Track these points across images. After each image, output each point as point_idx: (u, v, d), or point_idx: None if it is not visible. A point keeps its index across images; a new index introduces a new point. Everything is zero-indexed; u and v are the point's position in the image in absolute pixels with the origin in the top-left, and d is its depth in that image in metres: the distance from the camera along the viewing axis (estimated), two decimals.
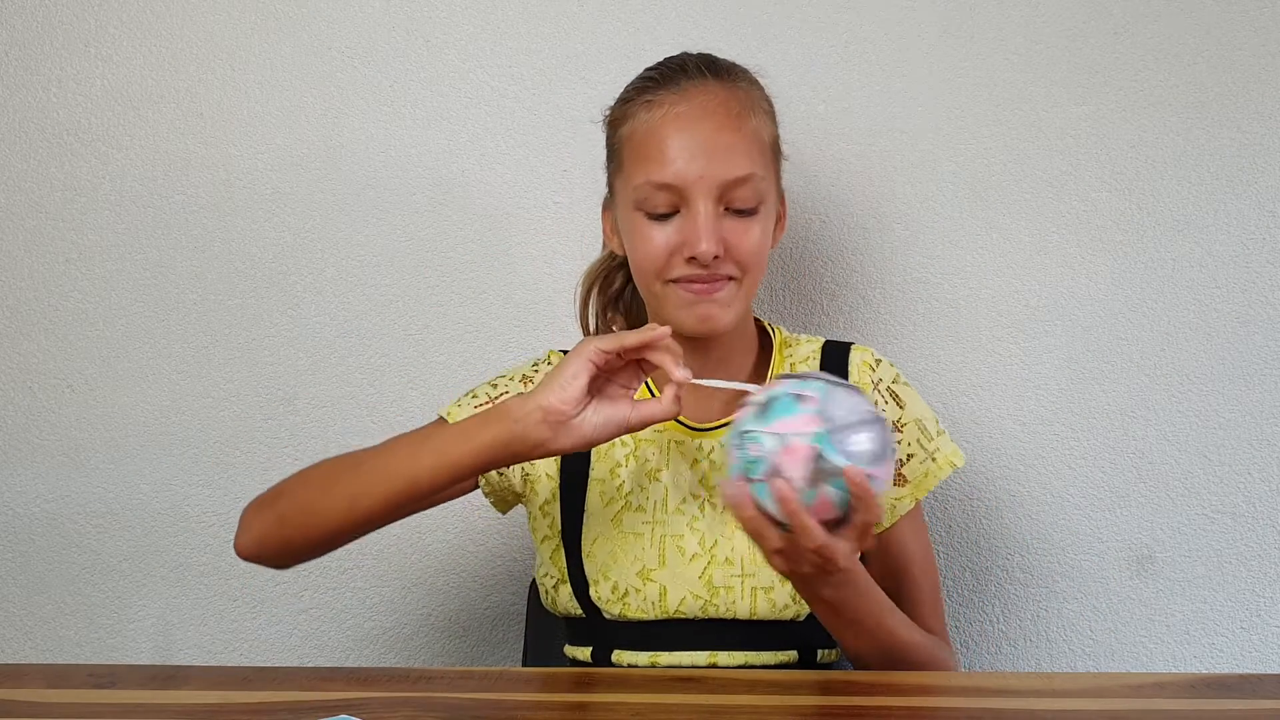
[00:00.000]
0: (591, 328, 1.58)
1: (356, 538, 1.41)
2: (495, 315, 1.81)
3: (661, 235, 1.38)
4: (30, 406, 1.85)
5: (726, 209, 1.38)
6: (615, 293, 1.57)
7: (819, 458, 1.16)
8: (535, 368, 1.51)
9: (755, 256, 1.40)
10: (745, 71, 1.45)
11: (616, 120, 1.45)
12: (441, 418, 1.47)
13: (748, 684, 1.27)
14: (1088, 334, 1.76)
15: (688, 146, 1.37)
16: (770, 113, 1.45)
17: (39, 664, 1.77)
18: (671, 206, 1.38)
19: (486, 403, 1.46)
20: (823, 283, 1.78)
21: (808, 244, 1.78)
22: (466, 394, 1.49)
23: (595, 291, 1.57)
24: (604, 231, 1.51)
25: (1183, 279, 1.75)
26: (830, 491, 1.17)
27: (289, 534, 1.40)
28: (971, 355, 1.77)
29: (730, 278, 1.39)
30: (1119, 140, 1.75)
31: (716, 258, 1.37)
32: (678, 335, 1.43)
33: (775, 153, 1.46)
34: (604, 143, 1.48)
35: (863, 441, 1.17)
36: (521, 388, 1.48)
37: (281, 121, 1.81)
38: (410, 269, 1.81)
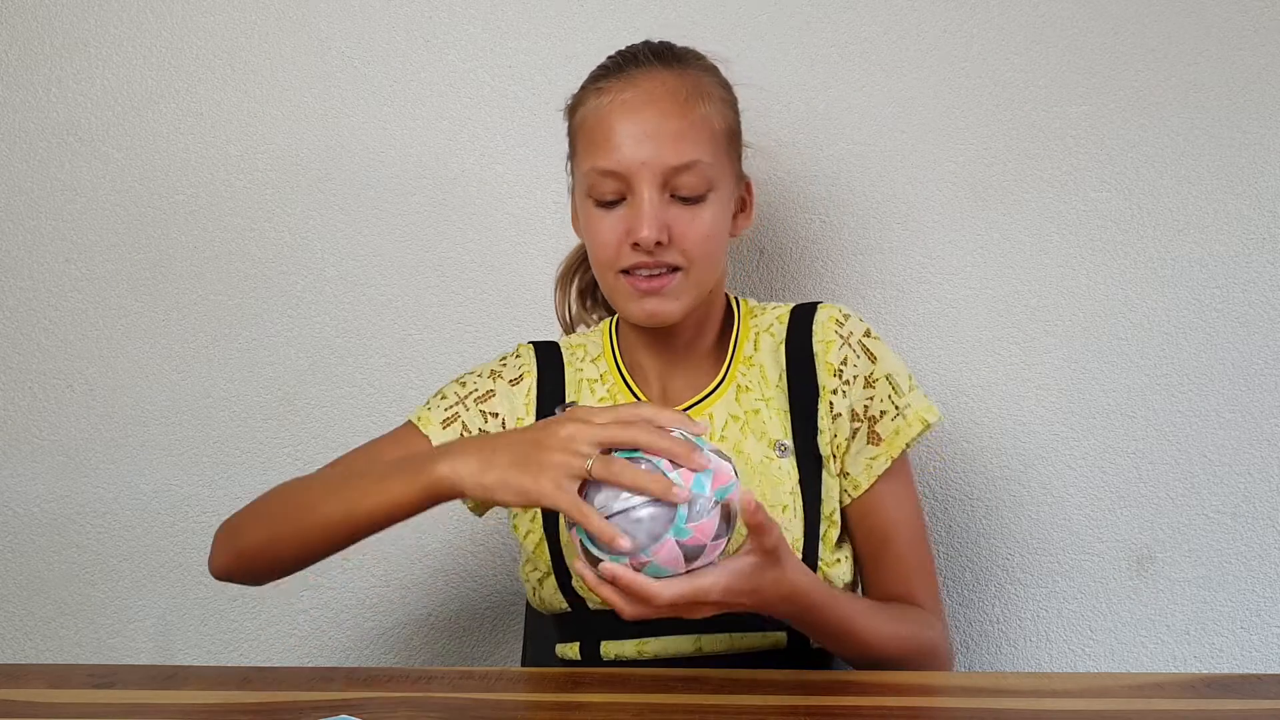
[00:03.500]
0: (571, 318, 1.60)
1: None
2: (495, 315, 1.81)
3: (610, 223, 1.39)
4: (30, 406, 1.85)
5: (673, 196, 1.38)
6: (591, 281, 1.58)
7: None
8: (503, 361, 1.51)
9: (703, 245, 1.39)
10: (701, 58, 1.45)
11: (572, 108, 1.45)
12: (412, 423, 1.46)
13: (747, 684, 1.27)
14: (1088, 334, 1.76)
15: (632, 133, 1.37)
16: (727, 99, 1.44)
17: (39, 664, 1.77)
18: (618, 194, 1.38)
19: (456, 403, 1.46)
20: (823, 282, 1.79)
21: (808, 244, 1.78)
22: (436, 395, 1.49)
23: (575, 280, 1.59)
24: (571, 221, 1.51)
25: (1183, 279, 1.75)
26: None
27: (252, 567, 1.40)
28: (971, 355, 1.77)
29: (676, 268, 1.38)
30: (1119, 140, 1.75)
31: (659, 244, 1.36)
32: (634, 326, 1.43)
33: (731, 139, 1.44)
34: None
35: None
36: (491, 384, 1.48)
37: (281, 121, 1.81)
38: (410, 269, 1.81)
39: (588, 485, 1.19)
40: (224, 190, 1.82)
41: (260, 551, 1.38)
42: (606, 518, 1.16)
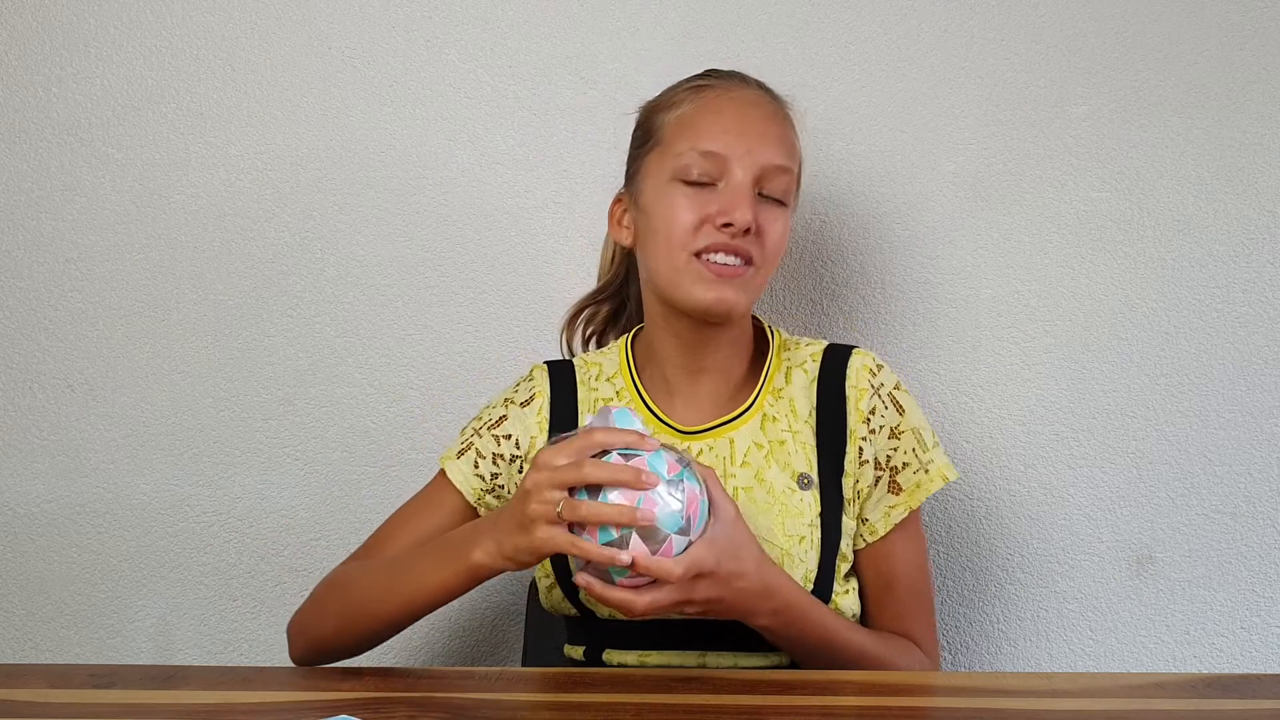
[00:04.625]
0: (574, 352, 1.63)
1: None
2: (495, 315, 1.81)
3: (695, 203, 1.41)
4: (30, 406, 1.85)
5: (760, 193, 1.42)
6: (600, 328, 1.63)
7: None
8: (516, 387, 1.54)
9: (776, 247, 1.44)
10: (790, 104, 1.50)
11: (660, 107, 1.48)
12: (443, 471, 1.50)
13: (748, 684, 1.27)
14: (1088, 334, 1.76)
15: (738, 123, 1.42)
16: (800, 148, 1.50)
17: (39, 664, 1.77)
18: (709, 176, 1.41)
19: (472, 435, 1.51)
20: (823, 283, 1.79)
21: (808, 244, 1.78)
22: (460, 436, 1.53)
23: (583, 325, 1.63)
24: (611, 224, 1.52)
25: (1183, 279, 1.75)
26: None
27: (329, 654, 1.46)
28: (971, 355, 1.77)
29: (750, 262, 1.41)
30: (1119, 140, 1.75)
31: (748, 231, 1.39)
32: (677, 321, 1.44)
33: (798, 180, 1.49)
34: (632, 133, 1.50)
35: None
36: (503, 410, 1.51)
37: (281, 121, 1.81)
38: (410, 269, 1.81)
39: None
40: (224, 190, 1.82)
41: (333, 643, 1.45)
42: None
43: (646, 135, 1.48)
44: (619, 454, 1.23)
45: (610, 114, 1.54)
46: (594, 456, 1.24)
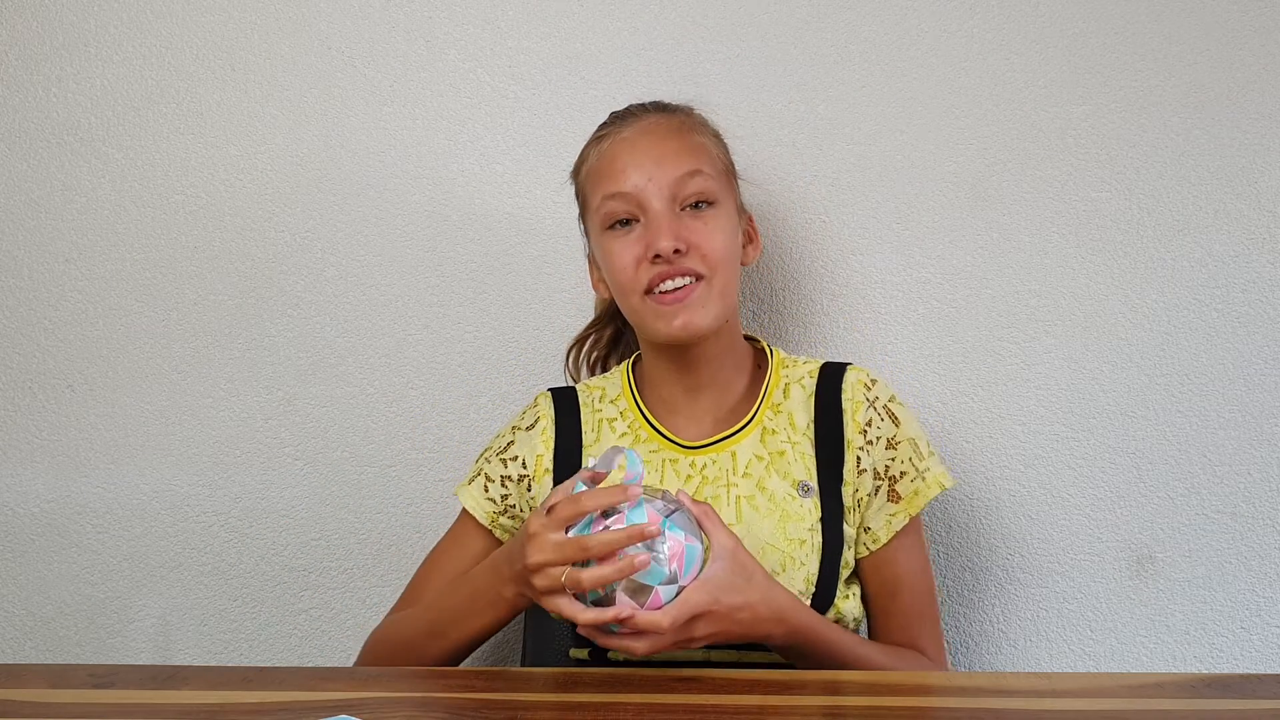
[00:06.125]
0: (579, 379, 1.67)
1: None
2: (494, 315, 1.81)
3: (626, 246, 1.45)
4: (30, 406, 1.85)
5: (683, 208, 1.45)
6: (603, 353, 1.67)
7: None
8: (523, 415, 1.57)
9: (720, 252, 1.45)
10: (691, 108, 1.53)
11: (576, 170, 1.54)
12: (465, 510, 1.55)
13: (748, 683, 1.27)
14: (1088, 334, 1.76)
15: (635, 158, 1.46)
16: (719, 140, 1.52)
17: (39, 664, 1.77)
18: (631, 215, 1.45)
19: (482, 464, 1.55)
20: (823, 284, 1.79)
21: (808, 245, 1.78)
22: (472, 467, 1.57)
23: (586, 351, 1.67)
24: (592, 283, 1.58)
25: (1183, 279, 1.75)
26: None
27: None
28: (971, 355, 1.77)
29: (699, 277, 1.44)
30: (1119, 140, 1.75)
31: (678, 252, 1.42)
32: (665, 348, 1.47)
33: (728, 171, 1.52)
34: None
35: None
36: (511, 436, 1.55)
37: (281, 121, 1.81)
38: (410, 269, 1.81)
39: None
40: (224, 190, 1.82)
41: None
42: None
43: (578, 199, 1.54)
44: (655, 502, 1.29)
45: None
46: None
